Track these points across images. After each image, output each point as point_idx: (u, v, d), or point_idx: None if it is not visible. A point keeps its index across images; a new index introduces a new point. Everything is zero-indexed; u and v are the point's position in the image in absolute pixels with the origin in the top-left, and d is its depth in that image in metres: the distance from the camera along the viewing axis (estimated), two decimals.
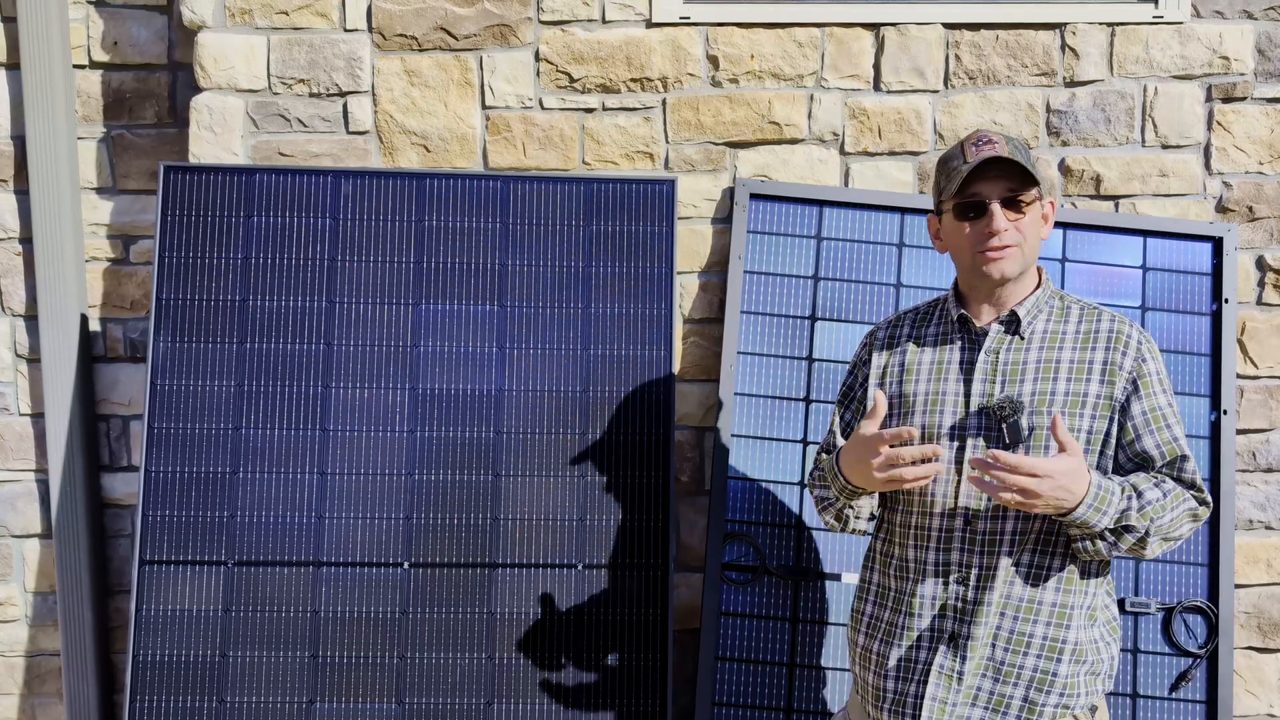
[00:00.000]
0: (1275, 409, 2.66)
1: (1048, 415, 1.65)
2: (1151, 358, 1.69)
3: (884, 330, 1.86)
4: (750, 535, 2.46)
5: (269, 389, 2.45)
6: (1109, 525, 1.58)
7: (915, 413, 1.73)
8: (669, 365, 2.50)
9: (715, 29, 2.59)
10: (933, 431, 1.70)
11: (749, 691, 2.41)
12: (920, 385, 1.75)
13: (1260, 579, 2.67)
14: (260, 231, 2.49)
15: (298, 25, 2.58)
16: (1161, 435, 1.66)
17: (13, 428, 2.78)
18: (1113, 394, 1.66)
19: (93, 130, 2.74)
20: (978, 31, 2.61)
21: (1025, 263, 1.69)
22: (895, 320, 1.86)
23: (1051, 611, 1.66)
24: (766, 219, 2.58)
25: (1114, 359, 1.67)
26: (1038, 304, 1.72)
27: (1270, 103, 2.63)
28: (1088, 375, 1.67)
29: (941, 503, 1.68)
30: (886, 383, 1.79)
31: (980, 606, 1.65)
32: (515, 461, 2.45)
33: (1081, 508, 1.55)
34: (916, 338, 1.80)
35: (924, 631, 1.69)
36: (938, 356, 1.75)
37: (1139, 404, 1.66)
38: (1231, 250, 2.56)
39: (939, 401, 1.71)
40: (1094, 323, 1.71)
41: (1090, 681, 1.68)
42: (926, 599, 1.69)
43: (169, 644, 2.38)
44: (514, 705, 2.39)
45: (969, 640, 1.65)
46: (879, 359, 1.82)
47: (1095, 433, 1.66)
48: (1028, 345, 1.70)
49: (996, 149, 1.65)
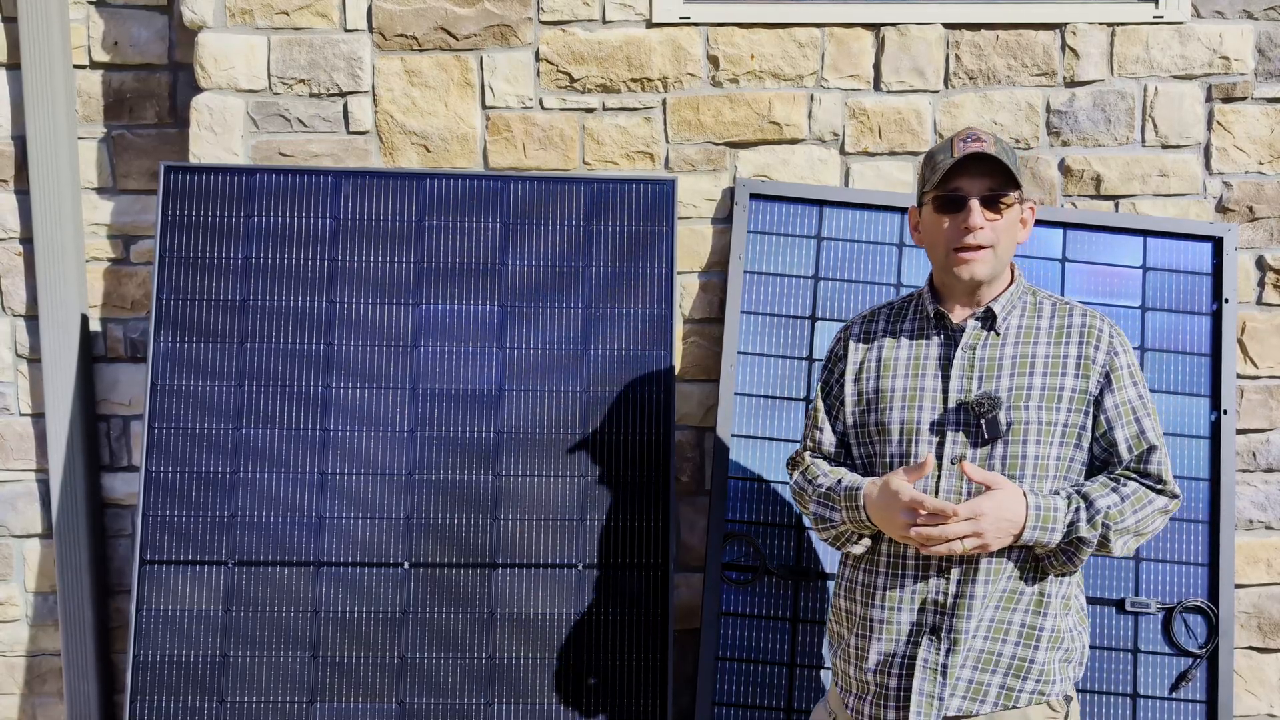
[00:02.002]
0: (1275, 409, 2.66)
1: (1024, 410, 1.67)
2: (1123, 350, 1.72)
3: (859, 325, 1.86)
4: (750, 535, 2.46)
5: (269, 389, 2.45)
6: (1061, 540, 1.62)
7: (893, 408, 1.74)
8: (669, 365, 2.50)
9: (715, 29, 2.59)
10: (912, 427, 1.72)
11: (749, 691, 2.41)
12: (898, 381, 1.76)
13: (1260, 579, 2.67)
14: (260, 231, 2.50)
15: (298, 25, 2.58)
16: (1130, 429, 1.70)
17: (13, 428, 2.78)
18: (1087, 388, 1.69)
19: (93, 130, 2.74)
20: (978, 31, 2.61)
21: (997, 266, 1.71)
22: (870, 315, 1.87)
23: (1030, 599, 1.68)
24: (766, 219, 2.58)
25: (1087, 353, 1.70)
26: (1011, 300, 1.74)
27: (1270, 103, 2.63)
28: (1063, 370, 1.70)
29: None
30: (863, 378, 1.80)
31: (962, 600, 1.66)
32: (515, 461, 2.46)
33: (1027, 531, 1.59)
34: (892, 333, 1.80)
35: (904, 626, 1.70)
36: (914, 352, 1.76)
37: (1111, 397, 1.70)
38: (1232, 250, 2.56)
39: (917, 397, 1.73)
40: (1066, 318, 1.74)
41: (1064, 669, 1.70)
42: (906, 594, 1.70)
43: (169, 644, 2.38)
44: (514, 705, 2.39)
45: (953, 634, 1.66)
46: (855, 354, 1.83)
47: (1071, 426, 1.69)
48: (1003, 341, 1.72)
49: (984, 146, 1.66)
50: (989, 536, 1.57)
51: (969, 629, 1.65)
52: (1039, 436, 1.67)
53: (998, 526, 1.57)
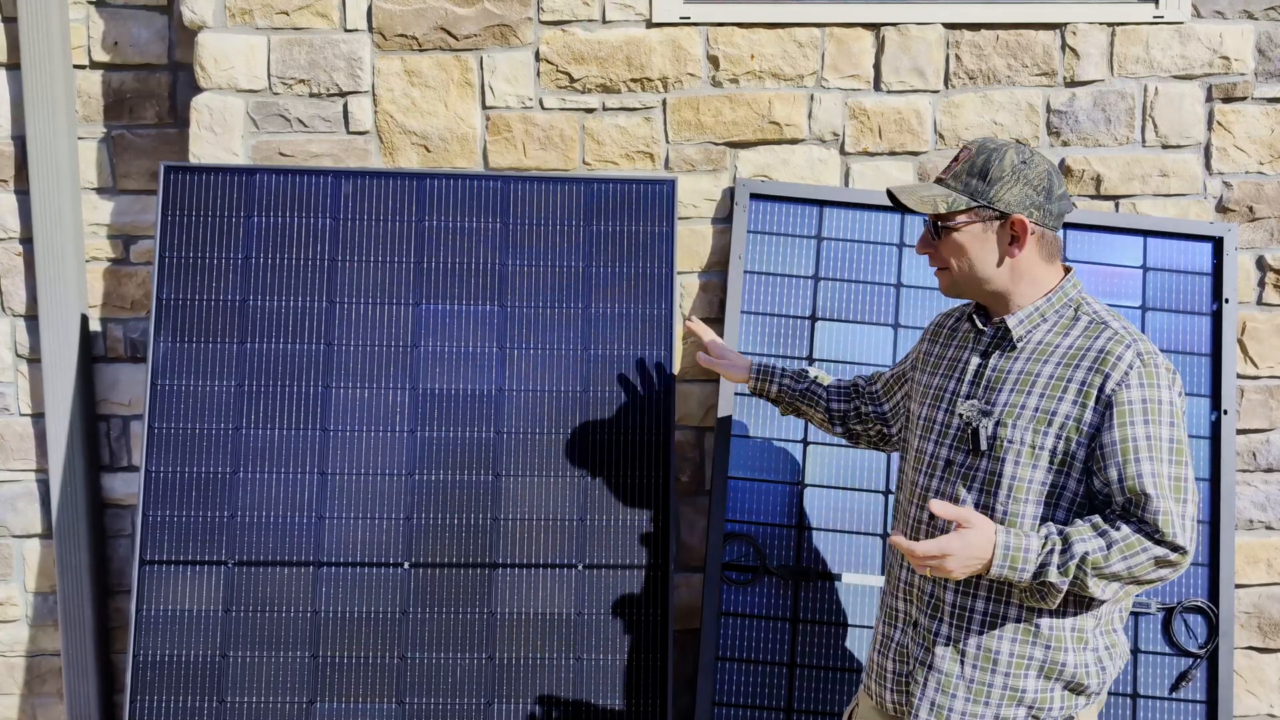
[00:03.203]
0: (1275, 409, 2.66)
1: (1011, 429, 1.64)
2: (1142, 385, 1.56)
3: (938, 320, 1.93)
4: (750, 535, 2.46)
5: (269, 389, 2.45)
6: (1030, 581, 1.56)
7: (919, 402, 1.83)
8: (669, 365, 2.50)
9: (715, 29, 2.59)
10: (927, 424, 1.79)
11: (749, 692, 2.41)
12: (929, 378, 1.83)
13: (1260, 579, 2.67)
14: (260, 231, 2.49)
15: (298, 25, 2.58)
16: (1127, 469, 1.54)
17: (13, 428, 2.78)
18: (1083, 416, 1.59)
19: (93, 130, 2.74)
20: (978, 31, 2.61)
21: (962, 284, 1.72)
22: (950, 312, 1.93)
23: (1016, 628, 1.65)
24: (767, 219, 2.58)
25: (1092, 380, 1.59)
26: (1040, 313, 1.68)
27: (1270, 103, 2.63)
28: (1061, 394, 1.61)
29: (921, 494, 1.77)
30: (917, 368, 1.90)
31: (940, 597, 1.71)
32: (515, 461, 2.45)
33: (994, 568, 1.55)
34: (950, 330, 1.86)
35: (899, 613, 1.79)
36: (952, 354, 1.81)
37: (1110, 432, 1.56)
38: (1232, 250, 2.56)
39: (938, 397, 1.78)
40: (1091, 340, 1.63)
41: (1066, 697, 1.67)
42: (902, 584, 1.79)
43: (169, 644, 2.38)
44: (514, 705, 2.39)
45: (931, 634, 1.71)
46: (923, 345, 1.92)
47: (1060, 453, 1.61)
48: (1017, 355, 1.69)
49: (956, 165, 1.70)
50: (955, 570, 1.55)
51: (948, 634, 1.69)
52: (1019, 458, 1.62)
53: (964, 564, 1.54)
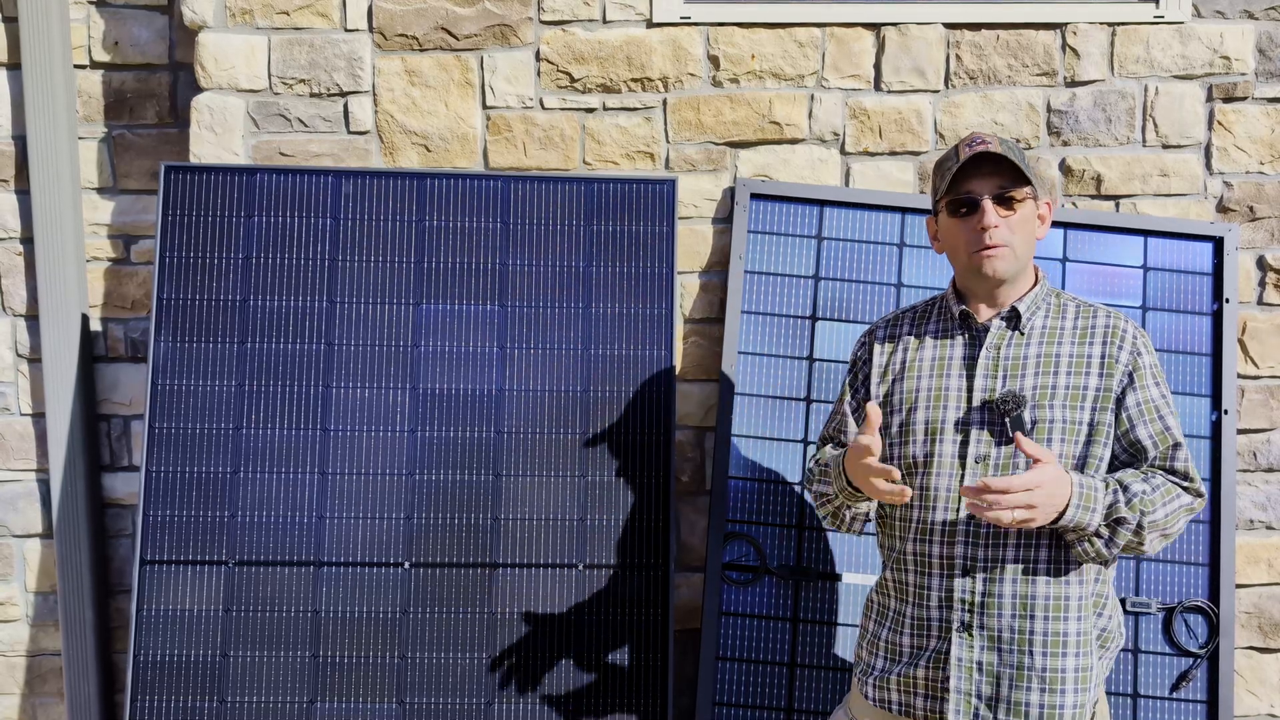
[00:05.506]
0: (1276, 409, 2.66)
1: (1049, 409, 1.68)
2: (1146, 351, 1.74)
3: (883, 328, 1.88)
4: (751, 535, 2.46)
5: (270, 389, 2.45)
6: (1100, 521, 1.61)
7: (918, 408, 1.76)
8: (669, 365, 2.50)
9: (716, 29, 2.59)
10: (936, 426, 1.73)
11: (750, 692, 2.40)
12: (923, 381, 1.78)
13: (1261, 579, 2.67)
14: (261, 231, 2.50)
15: (298, 25, 2.58)
16: (1154, 426, 1.70)
17: (13, 428, 2.78)
18: (1110, 386, 1.70)
19: (94, 130, 2.74)
20: (978, 31, 2.61)
21: (1019, 262, 1.72)
22: (894, 318, 1.89)
23: (1058, 605, 1.67)
24: (767, 219, 2.58)
25: (1111, 352, 1.72)
26: (1036, 300, 1.76)
27: (1271, 102, 2.63)
28: (1086, 369, 1.71)
29: (946, 497, 1.71)
30: (888, 379, 1.82)
31: (991, 599, 1.67)
32: (516, 461, 2.45)
33: (1070, 509, 1.58)
34: (917, 334, 1.82)
35: (934, 622, 1.72)
36: (939, 353, 1.78)
37: (1134, 395, 1.71)
38: (1232, 250, 2.56)
39: (942, 397, 1.74)
40: (1090, 319, 1.75)
41: (1101, 668, 1.71)
42: (934, 591, 1.71)
43: (170, 644, 2.38)
44: (514, 705, 2.39)
45: (984, 630, 1.67)
46: (880, 355, 1.85)
47: (1096, 424, 1.70)
48: (1028, 340, 1.74)
49: (989, 146, 1.68)
50: (1039, 510, 1.55)
51: (995, 627, 1.67)
52: (1063, 435, 1.68)
53: (1049, 501, 1.55)
